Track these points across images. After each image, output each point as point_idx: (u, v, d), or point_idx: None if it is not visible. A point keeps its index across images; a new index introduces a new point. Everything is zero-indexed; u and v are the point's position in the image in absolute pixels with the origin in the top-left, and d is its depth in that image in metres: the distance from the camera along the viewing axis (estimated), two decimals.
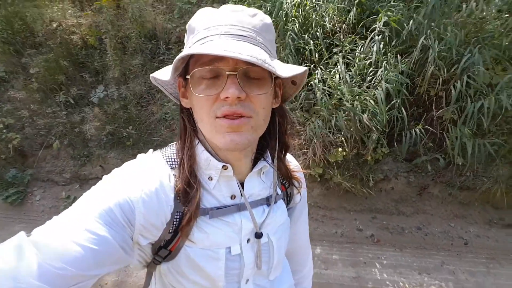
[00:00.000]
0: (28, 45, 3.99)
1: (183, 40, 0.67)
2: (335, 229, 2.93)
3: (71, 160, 3.62)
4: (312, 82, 2.74)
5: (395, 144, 2.81)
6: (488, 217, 2.87)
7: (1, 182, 3.57)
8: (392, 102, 2.52)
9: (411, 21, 2.63)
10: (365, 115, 2.39)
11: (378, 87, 2.41)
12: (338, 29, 2.89)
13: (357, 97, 2.48)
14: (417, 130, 2.62)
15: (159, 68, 0.68)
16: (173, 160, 0.66)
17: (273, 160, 0.72)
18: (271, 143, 0.72)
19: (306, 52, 2.87)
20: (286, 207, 0.80)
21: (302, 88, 2.86)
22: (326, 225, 2.97)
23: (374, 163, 2.81)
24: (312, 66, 2.83)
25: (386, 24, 2.70)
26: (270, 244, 0.73)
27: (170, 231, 0.62)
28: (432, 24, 2.65)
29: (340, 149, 2.63)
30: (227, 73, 0.54)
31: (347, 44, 2.78)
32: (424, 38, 2.55)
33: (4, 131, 3.60)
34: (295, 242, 0.91)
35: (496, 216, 2.87)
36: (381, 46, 2.62)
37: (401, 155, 2.80)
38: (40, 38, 3.97)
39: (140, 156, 0.68)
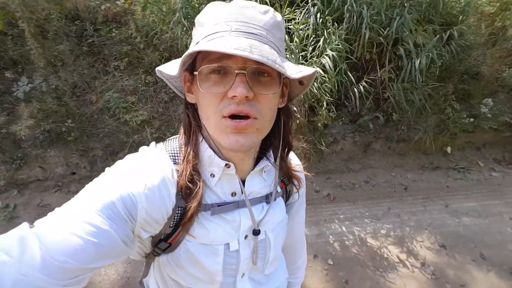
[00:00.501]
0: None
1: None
2: None
3: (2, 165, 3.22)
4: None
5: (340, 108, 3.02)
6: (421, 163, 3.30)
7: None
8: (338, 68, 2.67)
9: None
10: (316, 83, 2.51)
11: (325, 56, 2.53)
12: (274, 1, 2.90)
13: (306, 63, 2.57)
14: (359, 89, 2.83)
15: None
16: (176, 155, 0.66)
17: (275, 159, 0.72)
18: (274, 142, 0.71)
19: None
20: (285, 204, 0.81)
21: None
22: None
23: (324, 128, 3.00)
24: None
25: None
26: (267, 241, 0.74)
27: (171, 225, 0.63)
28: None
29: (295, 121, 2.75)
30: (236, 71, 0.53)
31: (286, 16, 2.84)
32: (351, 5, 2.70)
33: None
34: (292, 237, 0.93)
35: (427, 161, 3.32)
36: (318, 16, 2.72)
37: (346, 117, 3.03)
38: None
39: (142, 149, 0.67)
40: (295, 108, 2.69)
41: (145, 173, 0.60)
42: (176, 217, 0.62)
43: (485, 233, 2.65)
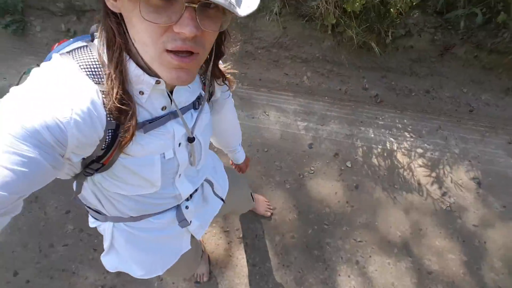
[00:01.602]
0: None
1: None
2: (340, 86, 2.84)
3: None
4: None
5: None
6: (507, 84, 2.65)
7: None
8: None
9: None
10: None
11: None
12: None
13: None
14: None
15: None
16: (94, 72, 0.58)
17: (207, 71, 0.75)
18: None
19: None
20: (208, 102, 0.86)
21: None
22: (331, 81, 2.85)
23: (399, 15, 2.39)
24: None
25: None
26: (197, 143, 0.81)
27: (103, 147, 0.62)
28: None
29: None
30: (186, 4, 0.47)
31: None
32: None
33: None
34: (226, 122, 1.10)
35: None
36: None
37: (433, 6, 2.33)
38: None
39: (47, 65, 0.57)
40: None
41: (69, 95, 0.54)
42: (107, 139, 0.61)
43: None
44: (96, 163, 0.64)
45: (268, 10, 2.63)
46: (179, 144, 0.75)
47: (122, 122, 0.59)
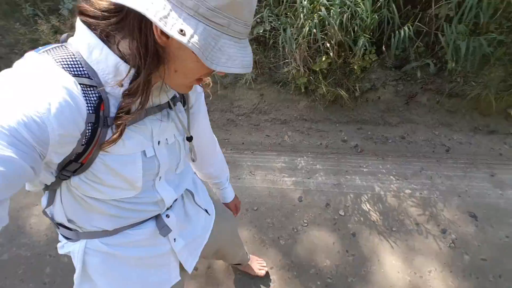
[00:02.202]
0: None
1: None
2: (320, 140, 2.95)
3: None
4: None
5: (384, 49, 2.63)
6: (474, 124, 2.85)
7: None
8: (382, 0, 2.26)
9: None
10: (346, 15, 2.16)
11: None
12: None
13: None
14: (406, 29, 2.40)
15: None
16: (70, 65, 0.56)
17: None
18: None
19: None
20: (184, 107, 0.87)
21: None
22: (311, 137, 2.98)
23: (361, 71, 2.67)
24: None
25: None
26: (177, 143, 0.81)
27: (83, 143, 0.59)
28: None
29: (325, 57, 2.47)
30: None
31: None
32: None
33: None
34: (202, 137, 1.01)
35: (482, 123, 2.85)
36: None
37: (390, 60, 2.64)
38: None
39: (20, 63, 0.55)
40: (327, 44, 2.40)
41: (45, 89, 0.51)
42: (87, 133, 0.58)
43: None
44: (74, 163, 0.61)
45: (244, 79, 2.88)
46: (158, 142, 0.74)
47: (109, 113, 0.60)
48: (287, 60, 2.62)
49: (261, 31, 2.69)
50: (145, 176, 0.73)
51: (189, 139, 0.81)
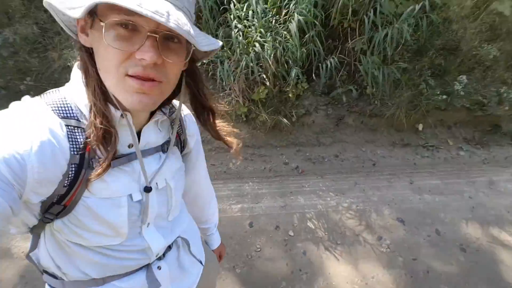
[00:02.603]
0: None
1: None
2: (264, 165, 3.10)
3: None
4: (228, 18, 2.60)
5: (314, 78, 2.92)
6: (392, 139, 3.29)
7: None
8: (307, 36, 2.55)
9: None
10: (278, 50, 2.39)
11: (292, 20, 2.40)
12: None
13: (271, 32, 2.44)
14: (331, 60, 2.73)
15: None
16: (60, 107, 0.59)
17: (176, 111, 0.74)
18: (177, 98, 0.72)
19: None
20: (181, 153, 0.84)
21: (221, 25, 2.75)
22: (255, 163, 3.11)
23: (296, 98, 2.92)
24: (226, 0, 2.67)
25: None
26: (168, 188, 0.76)
27: (65, 184, 0.58)
28: None
29: (263, 87, 2.65)
30: (148, 33, 0.51)
31: None
32: None
33: None
34: (198, 185, 1.00)
35: (398, 138, 3.31)
36: None
37: (320, 88, 2.94)
38: None
39: (14, 104, 0.58)
40: (264, 76, 2.59)
41: (29, 128, 0.53)
42: (70, 175, 0.58)
43: (443, 210, 2.71)
44: (57, 205, 0.60)
45: None
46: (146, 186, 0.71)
47: (95, 155, 0.60)
48: (226, 91, 2.74)
49: (198, 64, 2.77)
50: (131, 222, 0.69)
51: (148, 189, 0.71)
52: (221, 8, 2.73)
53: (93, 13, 0.53)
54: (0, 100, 3.01)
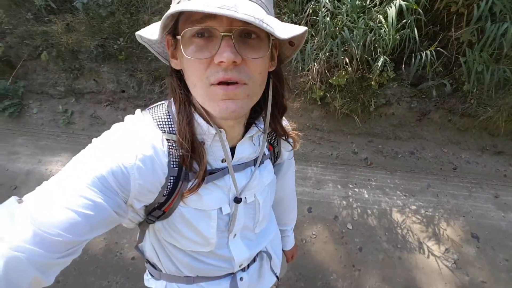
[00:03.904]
0: None
1: None
2: (331, 151, 3.01)
3: (62, 72, 3.46)
4: None
5: (403, 67, 2.65)
6: (482, 143, 2.91)
7: None
8: (404, 21, 2.26)
9: None
10: (369, 36, 2.17)
11: (392, 4, 2.13)
12: None
13: (364, 16, 2.21)
14: (427, 52, 2.42)
15: None
16: (164, 123, 0.64)
17: (265, 125, 0.72)
18: (265, 108, 0.69)
19: None
20: (273, 164, 0.84)
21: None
22: (323, 147, 3.03)
23: (378, 87, 2.69)
24: None
25: None
26: (256, 203, 0.78)
27: (164, 194, 0.64)
28: None
29: (343, 72, 2.48)
30: (222, 34, 0.49)
31: None
32: None
33: None
34: (283, 191, 1.02)
35: (490, 143, 2.91)
36: None
37: (408, 79, 2.67)
38: None
39: (128, 118, 0.65)
40: (347, 60, 2.41)
41: (135, 143, 0.59)
42: (169, 186, 0.63)
43: None
44: (158, 210, 0.66)
45: None
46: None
47: (191, 168, 0.63)
48: (304, 72, 2.63)
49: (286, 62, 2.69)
50: (219, 232, 0.74)
51: (237, 200, 0.73)
52: None
53: (174, 35, 0.56)
54: (97, 57, 3.31)
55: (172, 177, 0.63)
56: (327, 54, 2.38)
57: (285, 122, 0.83)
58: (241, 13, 0.44)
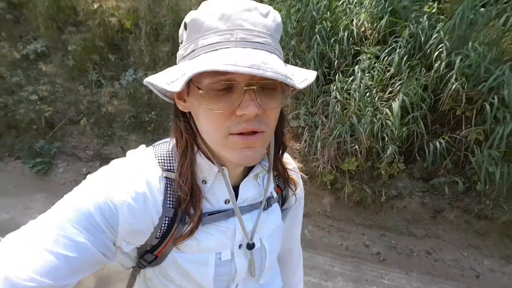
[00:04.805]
0: (69, 23, 4.22)
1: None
2: (341, 241, 2.87)
3: (95, 138, 3.78)
4: (331, 88, 2.70)
5: (413, 160, 2.70)
6: (506, 251, 2.68)
7: (30, 152, 3.80)
8: (411, 115, 2.43)
9: (434, 35, 2.55)
10: (376, 125, 2.31)
11: (396, 99, 2.34)
12: (367, 35, 2.81)
13: (371, 107, 2.40)
14: (437, 144, 2.50)
15: None
16: (166, 160, 0.62)
17: (269, 161, 0.70)
18: (268, 147, 0.68)
19: (332, 57, 2.83)
20: (281, 208, 0.79)
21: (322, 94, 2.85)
22: (332, 236, 2.91)
23: (389, 178, 2.71)
24: (332, 72, 2.80)
25: (411, 35, 2.63)
26: (262, 249, 0.71)
27: (158, 236, 0.59)
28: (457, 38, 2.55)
29: (353, 159, 2.56)
30: (245, 88, 0.50)
31: (372, 53, 2.72)
32: (447, 54, 2.45)
33: (38, 103, 3.83)
34: (289, 244, 0.92)
35: None
36: (404, 57, 2.54)
37: (418, 172, 2.69)
38: (81, 17, 4.18)
39: (130, 152, 0.64)
40: (356, 147, 2.51)
41: (128, 179, 0.56)
42: (163, 227, 0.59)
43: None
44: (150, 254, 0.62)
45: None
46: (240, 245, 0.67)
47: (187, 212, 0.59)
48: (315, 156, 2.74)
49: (295, 125, 2.89)
50: (217, 282, 0.65)
51: (250, 246, 0.67)
52: (327, 78, 2.87)
53: (188, 81, 0.53)
54: (128, 126, 3.64)
55: (167, 218, 0.59)
56: (337, 139, 2.51)
57: (292, 165, 0.80)
58: (269, 71, 0.45)
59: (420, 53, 2.66)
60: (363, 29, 2.93)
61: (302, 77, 0.53)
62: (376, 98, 2.57)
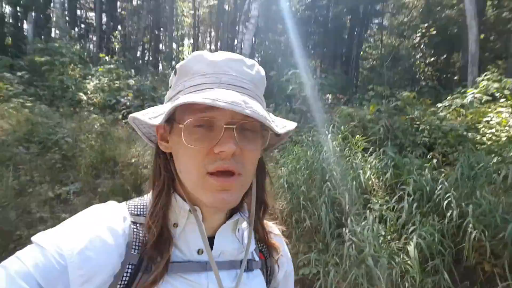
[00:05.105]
0: (107, 171, 4.74)
1: None
2: None
3: None
4: (343, 233, 2.64)
5: None
6: None
7: None
8: (433, 263, 2.21)
9: (440, 186, 2.66)
10: (395, 270, 2.10)
11: (411, 242, 2.21)
12: (374, 187, 2.97)
13: (387, 250, 2.26)
14: None
15: None
16: (136, 207, 0.61)
17: (249, 212, 0.65)
18: (248, 198, 0.65)
19: (342, 203, 2.91)
20: (266, 281, 0.68)
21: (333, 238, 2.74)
22: None
23: None
24: (343, 216, 2.81)
25: (417, 187, 2.76)
26: None
27: (120, 284, 0.52)
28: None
29: None
30: (224, 126, 0.51)
31: (382, 204, 2.79)
32: (457, 205, 2.48)
33: None
34: None
35: None
36: (413, 205, 2.60)
37: None
38: (118, 167, 4.74)
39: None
40: None
41: (85, 226, 0.53)
42: (125, 277, 0.53)
43: None
44: None
45: None
46: None
47: (153, 258, 0.54)
48: None
49: (307, 273, 2.67)
50: None
51: None
52: (339, 222, 2.86)
53: (171, 120, 0.55)
54: None
55: (130, 266, 0.53)
56: (352, 284, 2.24)
57: (276, 232, 0.74)
58: (249, 109, 0.47)
59: (430, 202, 2.70)
60: (370, 182, 3.13)
61: (281, 124, 0.57)
62: (392, 244, 2.47)
